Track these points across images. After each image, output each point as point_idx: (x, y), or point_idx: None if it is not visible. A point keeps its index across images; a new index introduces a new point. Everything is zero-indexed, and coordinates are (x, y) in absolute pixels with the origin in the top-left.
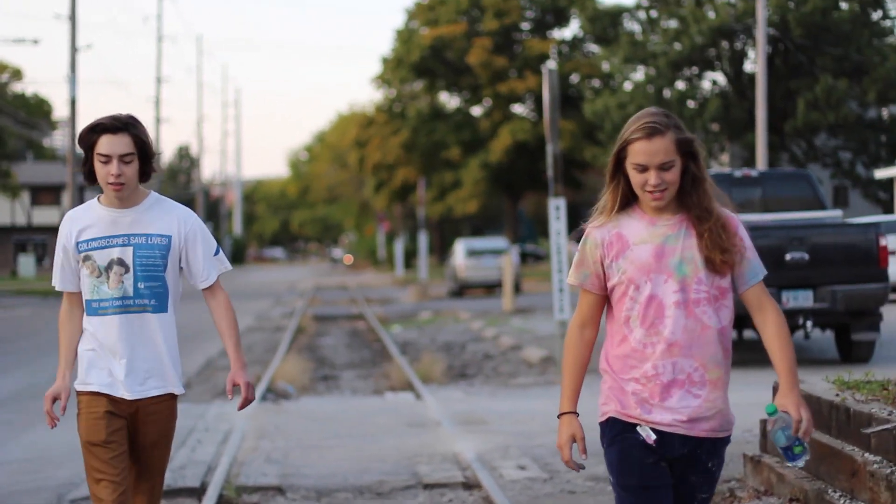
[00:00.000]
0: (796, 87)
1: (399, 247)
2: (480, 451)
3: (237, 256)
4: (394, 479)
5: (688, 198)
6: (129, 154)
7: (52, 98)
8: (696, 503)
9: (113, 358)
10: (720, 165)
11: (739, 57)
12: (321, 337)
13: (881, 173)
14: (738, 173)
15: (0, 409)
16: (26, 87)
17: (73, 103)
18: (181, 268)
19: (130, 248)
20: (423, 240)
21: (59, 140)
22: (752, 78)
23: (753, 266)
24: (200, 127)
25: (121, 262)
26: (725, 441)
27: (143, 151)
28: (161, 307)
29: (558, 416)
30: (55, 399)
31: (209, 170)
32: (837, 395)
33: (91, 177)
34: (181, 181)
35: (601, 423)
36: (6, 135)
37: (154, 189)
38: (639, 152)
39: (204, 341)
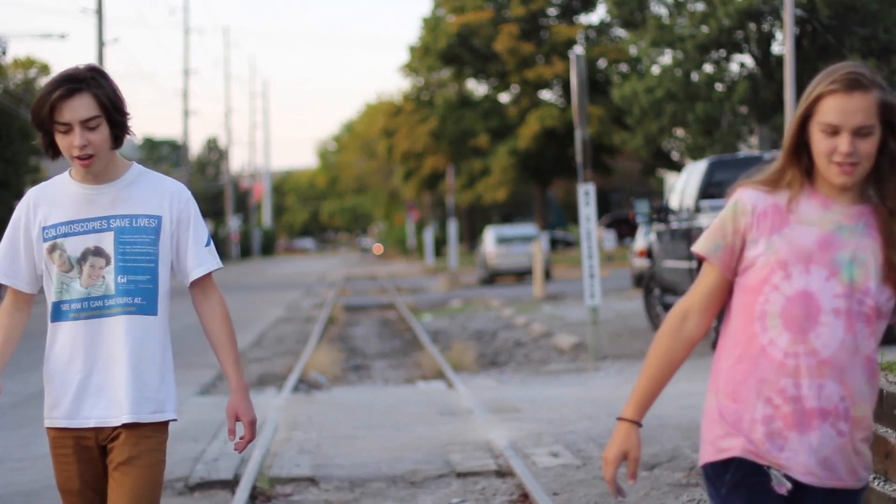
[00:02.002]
0: (824, 67)
1: (429, 236)
2: (513, 438)
3: (267, 248)
4: (426, 467)
5: (882, 184)
6: (94, 118)
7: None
8: None
9: (86, 376)
10: (749, 148)
11: (767, 39)
12: (352, 327)
13: None
14: (767, 156)
15: (28, 406)
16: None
17: None
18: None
19: (111, 234)
20: (452, 228)
21: None
22: (779, 59)
23: None
24: (229, 119)
25: (99, 252)
26: (863, 491)
27: (112, 111)
28: (150, 307)
29: (617, 419)
30: None
31: (238, 162)
32: None
33: (53, 149)
34: (210, 173)
35: (714, 464)
36: (34, 130)
37: (184, 182)
38: (832, 109)
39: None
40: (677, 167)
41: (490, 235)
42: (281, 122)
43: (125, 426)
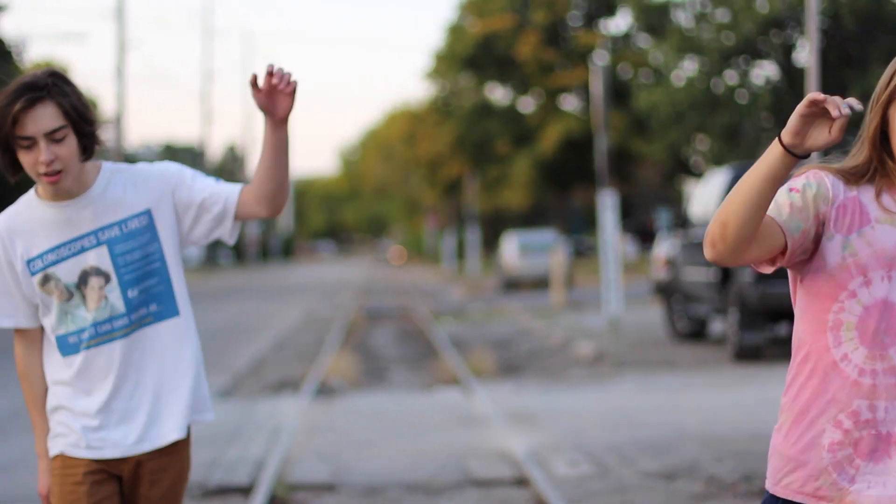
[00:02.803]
0: (848, 77)
1: (448, 242)
2: (531, 447)
3: (286, 252)
4: (444, 475)
5: None
6: (60, 128)
7: (100, 93)
8: None
9: (102, 405)
10: None
11: (790, 47)
12: (371, 332)
13: None
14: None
15: None
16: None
17: (120, 99)
18: (188, 233)
19: (104, 248)
20: (472, 234)
21: (101, 137)
22: (802, 69)
23: None
24: (249, 122)
25: (98, 271)
26: None
27: (78, 120)
28: (168, 310)
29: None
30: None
31: None
32: None
33: (13, 168)
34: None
35: (773, 496)
36: None
37: None
38: None
39: (249, 336)
40: (698, 175)
41: (510, 242)
42: (302, 125)
43: (150, 454)
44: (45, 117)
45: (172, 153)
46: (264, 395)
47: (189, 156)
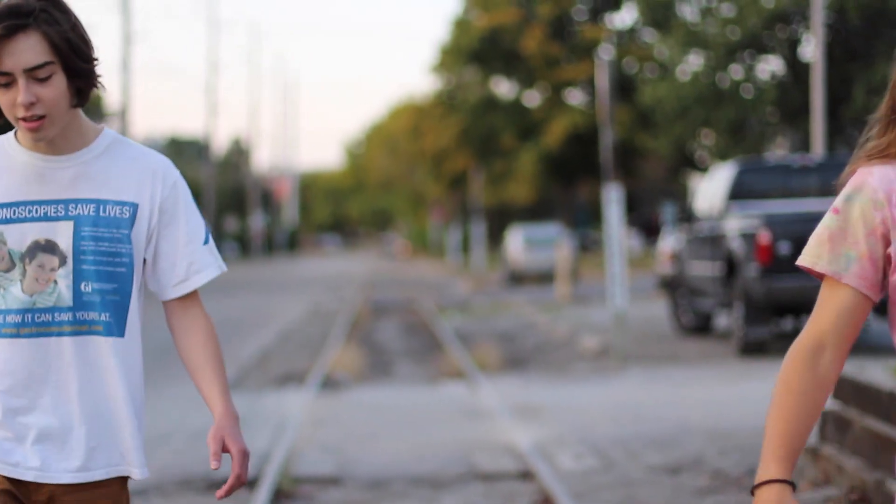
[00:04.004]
0: (853, 72)
1: (453, 236)
2: (536, 440)
3: (292, 245)
4: (449, 469)
5: None
6: (45, 65)
7: (104, 85)
8: None
9: (24, 413)
10: (776, 151)
11: (795, 42)
12: (376, 326)
13: None
14: (795, 163)
15: None
16: None
17: (125, 92)
18: (144, 260)
19: (69, 225)
20: (477, 228)
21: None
22: (808, 64)
23: None
24: (254, 114)
25: (50, 248)
26: None
27: (71, 55)
28: (117, 327)
29: (754, 488)
30: None
31: (265, 159)
32: None
33: None
34: (235, 171)
35: None
36: None
37: (208, 179)
38: None
39: (255, 329)
40: (703, 170)
41: (515, 236)
42: (308, 118)
43: (72, 486)
44: (27, 50)
45: (177, 146)
46: (269, 388)
47: (194, 149)
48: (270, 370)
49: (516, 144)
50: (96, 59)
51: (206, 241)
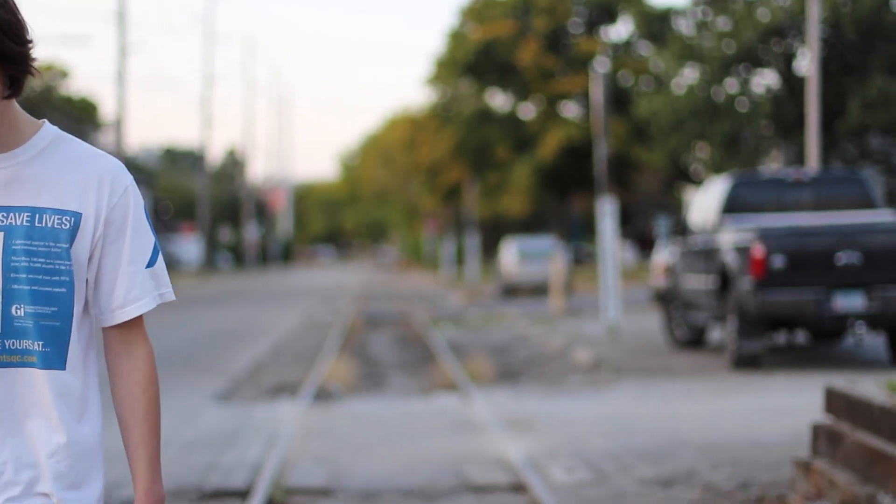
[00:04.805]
0: (848, 86)
1: (447, 248)
2: (529, 453)
3: (286, 256)
4: (441, 481)
5: None
6: None
7: (100, 96)
8: None
9: None
10: (771, 165)
11: (790, 56)
12: (369, 337)
13: None
14: (789, 177)
15: None
16: (71, 86)
17: (120, 103)
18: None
19: (0, 235)
20: (471, 240)
21: (101, 140)
22: (803, 78)
23: None
24: (249, 127)
25: None
26: None
27: (0, 37)
28: (56, 357)
29: None
30: None
31: (260, 170)
32: (888, 398)
33: None
34: (229, 183)
35: None
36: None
37: (203, 190)
38: None
39: (248, 341)
40: (698, 183)
41: (509, 248)
42: (303, 130)
43: None
44: None
45: (172, 157)
46: (262, 400)
47: (189, 159)
48: (263, 381)
49: (511, 157)
50: (31, 42)
51: (150, 264)
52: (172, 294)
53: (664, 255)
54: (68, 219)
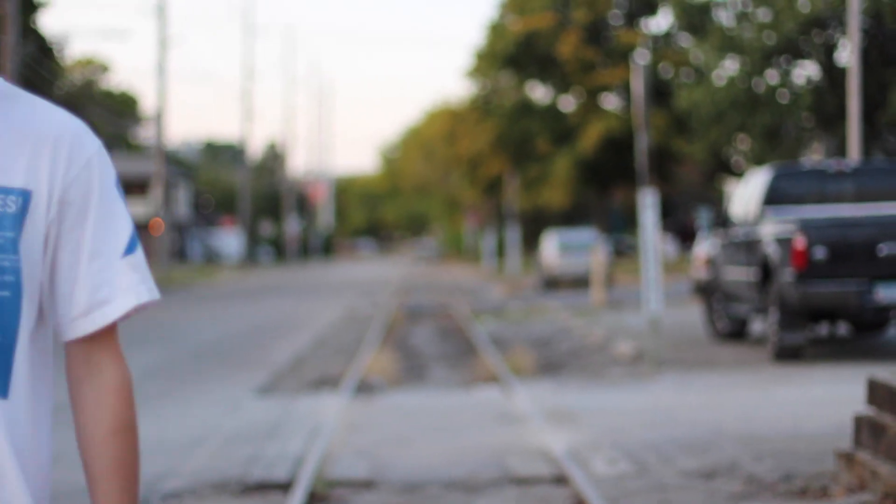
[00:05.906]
0: (890, 77)
1: (487, 240)
2: (570, 445)
3: (327, 249)
4: (483, 473)
5: None
6: None
7: (141, 90)
8: None
9: None
10: (812, 156)
11: (831, 47)
12: (411, 330)
13: None
14: (831, 168)
15: None
16: (112, 80)
17: (161, 97)
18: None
19: None
20: (512, 233)
21: (141, 134)
22: (844, 69)
23: None
24: (290, 120)
25: None
26: None
27: None
28: None
29: None
30: None
31: (300, 163)
32: None
33: None
34: (270, 176)
35: None
36: (97, 128)
37: (244, 184)
38: None
39: (289, 334)
40: (739, 175)
41: (550, 241)
42: (343, 122)
43: None
44: None
45: (213, 150)
46: (304, 393)
47: (230, 153)
48: (305, 374)
49: (551, 149)
50: None
51: (128, 250)
52: (156, 291)
53: (705, 247)
54: (14, 199)
